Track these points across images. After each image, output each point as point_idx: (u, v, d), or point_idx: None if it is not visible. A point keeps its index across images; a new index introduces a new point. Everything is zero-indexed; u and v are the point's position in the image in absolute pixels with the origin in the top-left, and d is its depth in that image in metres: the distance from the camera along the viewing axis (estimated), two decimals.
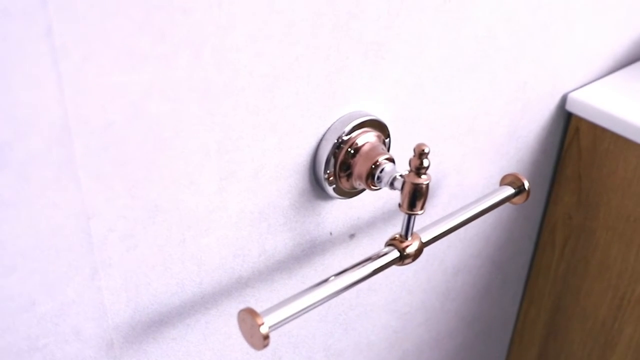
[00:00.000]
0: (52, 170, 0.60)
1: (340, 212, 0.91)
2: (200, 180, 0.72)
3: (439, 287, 1.18)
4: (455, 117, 0.99)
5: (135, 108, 0.62)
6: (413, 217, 0.80)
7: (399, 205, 0.79)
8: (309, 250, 0.90)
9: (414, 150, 0.75)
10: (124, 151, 0.64)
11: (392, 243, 0.82)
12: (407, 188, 0.77)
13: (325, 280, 0.77)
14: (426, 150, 0.75)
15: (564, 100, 1.18)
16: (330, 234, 0.92)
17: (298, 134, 0.79)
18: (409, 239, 0.82)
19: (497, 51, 0.99)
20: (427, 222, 1.05)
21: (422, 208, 0.79)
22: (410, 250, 0.82)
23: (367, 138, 0.84)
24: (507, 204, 1.02)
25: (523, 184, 0.97)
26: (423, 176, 0.76)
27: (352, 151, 0.83)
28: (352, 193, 0.88)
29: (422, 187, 0.77)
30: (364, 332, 1.09)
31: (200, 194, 0.73)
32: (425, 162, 0.76)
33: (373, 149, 0.83)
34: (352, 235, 0.95)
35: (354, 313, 1.05)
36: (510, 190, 0.97)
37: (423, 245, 0.84)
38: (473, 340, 1.38)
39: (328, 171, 0.83)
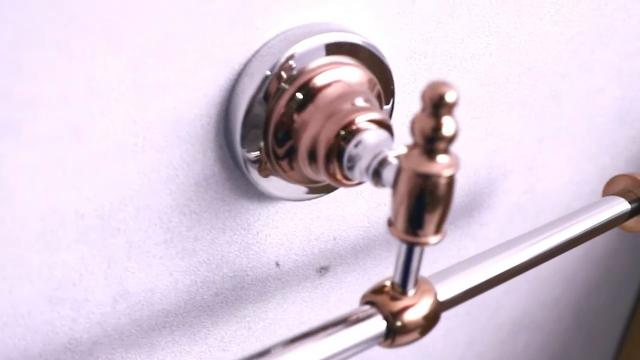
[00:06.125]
0: None
1: (293, 224, 0.48)
2: None
3: (487, 353, 0.73)
4: (526, 64, 0.54)
5: None
6: (418, 250, 0.37)
7: (388, 222, 0.36)
8: (230, 295, 0.47)
9: (424, 96, 0.32)
10: None
11: (373, 300, 0.39)
12: (405, 183, 0.34)
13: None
14: (450, 99, 0.32)
15: None
16: (277, 264, 0.48)
17: (186, 56, 0.37)
18: (410, 293, 0.38)
19: None
20: (466, 253, 0.61)
21: (438, 231, 0.35)
22: (412, 317, 0.38)
23: (339, 77, 0.40)
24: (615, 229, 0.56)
25: None
26: (440, 158, 0.33)
27: (302, 96, 0.39)
28: (314, 189, 0.45)
29: (436, 184, 0.33)
30: None
31: None
32: (448, 127, 0.32)
33: (344, 96, 0.39)
34: (322, 270, 0.52)
35: None
36: (622, 205, 0.52)
37: (440, 306, 0.40)
38: None
39: (250, 142, 0.40)
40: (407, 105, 0.48)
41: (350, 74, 0.41)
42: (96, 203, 0.38)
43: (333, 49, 0.40)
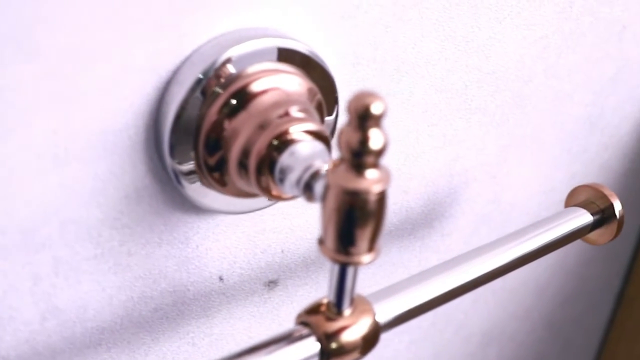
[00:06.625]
0: None
1: (236, 237, 0.46)
2: None
3: None
4: (486, 69, 0.52)
5: None
6: (351, 269, 0.35)
7: (319, 241, 0.34)
8: (170, 311, 0.45)
9: (349, 108, 0.30)
10: None
11: (307, 320, 0.37)
12: (333, 200, 0.32)
13: None
14: (376, 111, 0.30)
15: None
16: (220, 279, 0.47)
17: (108, 64, 0.35)
18: (346, 313, 0.36)
19: None
20: (427, 264, 0.59)
21: (371, 250, 0.33)
22: (349, 338, 0.37)
23: (275, 84, 0.38)
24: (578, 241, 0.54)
25: (611, 207, 0.50)
26: (369, 173, 0.31)
27: (234, 104, 0.37)
28: (255, 202, 0.43)
29: (365, 201, 0.31)
30: None
31: None
32: (376, 140, 0.30)
33: (279, 104, 0.37)
34: (271, 283, 0.50)
35: None
36: (584, 217, 0.50)
37: (379, 326, 0.38)
38: None
39: (180, 153, 0.38)
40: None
41: (287, 82, 0.39)
42: (17, 217, 0.36)
43: (268, 55, 0.39)
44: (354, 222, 0.32)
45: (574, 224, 0.50)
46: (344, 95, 0.44)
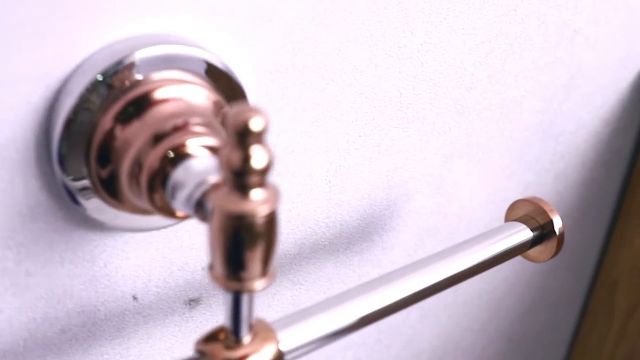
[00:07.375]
0: None
1: (149, 254, 0.44)
2: None
3: None
4: (422, 76, 0.50)
5: None
6: (245, 297, 0.32)
7: (209, 267, 0.32)
8: (80, 332, 0.43)
9: (227, 124, 0.27)
10: None
11: (203, 349, 0.34)
12: (217, 224, 0.29)
13: None
14: (255, 127, 0.27)
15: None
16: (134, 298, 0.44)
17: None
18: (245, 340, 0.34)
19: None
20: (367, 279, 0.57)
21: (264, 275, 0.31)
22: None
23: (171, 95, 0.36)
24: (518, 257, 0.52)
25: (550, 223, 0.47)
26: (254, 193, 0.28)
27: (127, 115, 0.35)
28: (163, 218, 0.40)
29: (252, 224, 0.29)
30: None
31: None
32: (258, 158, 0.28)
33: (177, 115, 0.35)
34: (192, 302, 0.47)
35: None
36: (524, 233, 0.48)
37: (281, 355, 0.36)
38: None
39: (72, 167, 0.36)
40: (277, 124, 0.44)
41: (190, 93, 0.36)
42: None
43: (171, 63, 0.36)
44: (242, 247, 0.30)
45: (513, 240, 0.48)
46: (262, 106, 0.42)
